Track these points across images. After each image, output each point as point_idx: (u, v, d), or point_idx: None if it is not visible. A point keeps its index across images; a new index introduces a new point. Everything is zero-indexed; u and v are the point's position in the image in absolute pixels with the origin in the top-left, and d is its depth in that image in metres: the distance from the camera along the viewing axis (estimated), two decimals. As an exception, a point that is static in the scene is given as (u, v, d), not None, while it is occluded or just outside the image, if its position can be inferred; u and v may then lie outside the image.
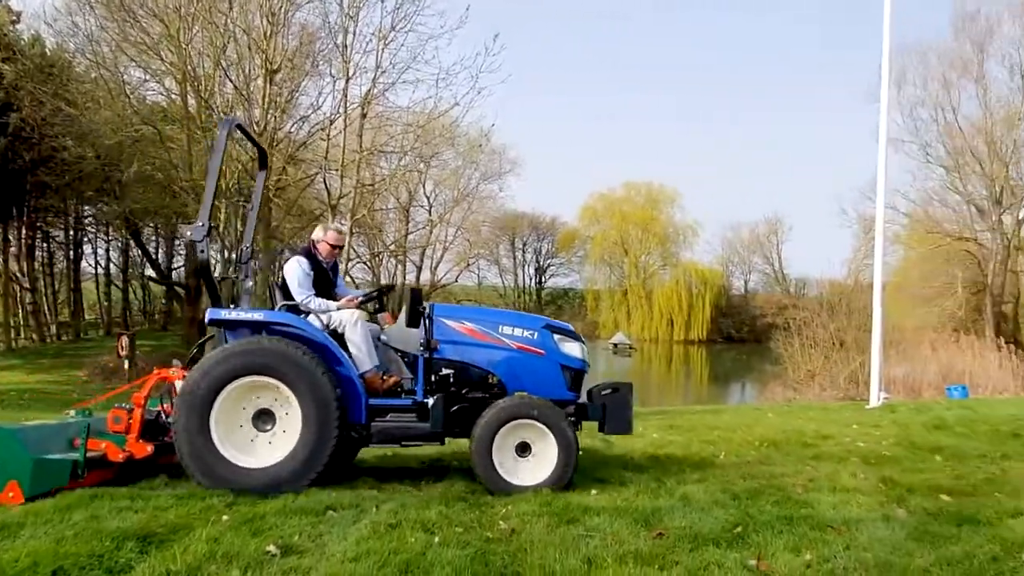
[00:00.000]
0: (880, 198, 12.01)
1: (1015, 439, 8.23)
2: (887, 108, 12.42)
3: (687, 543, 3.68)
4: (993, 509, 4.46)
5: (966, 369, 22.08)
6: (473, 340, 5.65)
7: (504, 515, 4.35)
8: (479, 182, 43.17)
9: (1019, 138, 28.16)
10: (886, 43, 11.13)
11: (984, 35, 28.99)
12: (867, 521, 4.15)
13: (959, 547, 3.63)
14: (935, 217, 30.12)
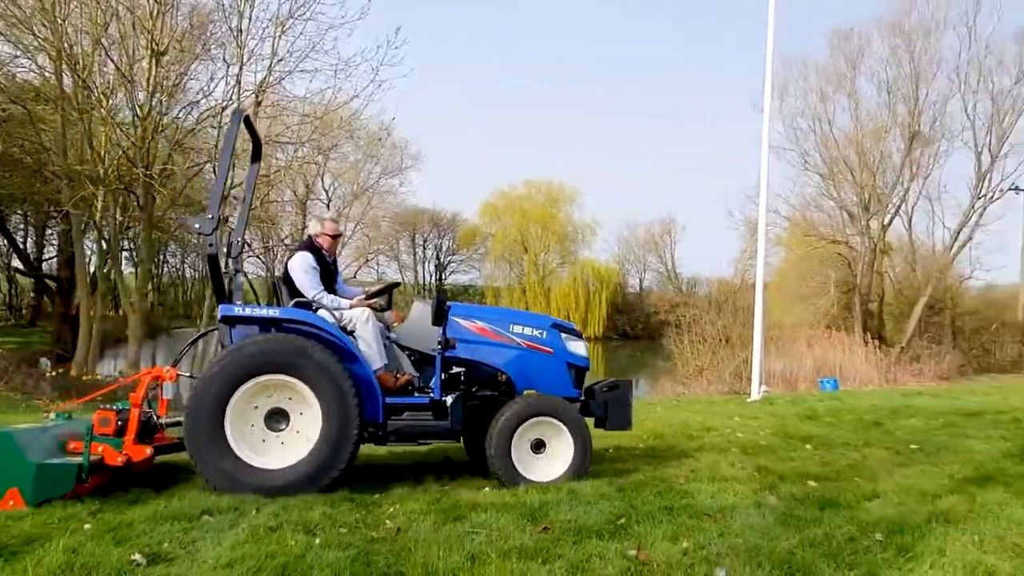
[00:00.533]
0: (762, 202, 12.66)
1: (876, 427, 8.85)
2: (769, 117, 13.10)
3: (571, 536, 3.75)
4: (853, 493, 4.79)
5: (837, 363, 23.62)
6: (485, 339, 5.68)
7: (391, 514, 4.30)
8: (379, 176, 42.56)
9: (885, 150, 30.40)
10: (769, 56, 11.75)
11: (856, 53, 31.05)
12: (741, 508, 4.36)
13: (821, 529, 3.86)
14: (812, 221, 32.02)
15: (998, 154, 29.01)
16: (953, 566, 3.28)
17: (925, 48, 29.56)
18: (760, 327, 14.10)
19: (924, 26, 29.65)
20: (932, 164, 30.58)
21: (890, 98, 30.22)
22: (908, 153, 29.58)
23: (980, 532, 3.82)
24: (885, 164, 30.37)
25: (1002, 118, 28.67)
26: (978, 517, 4.18)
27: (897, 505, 4.50)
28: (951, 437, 7.72)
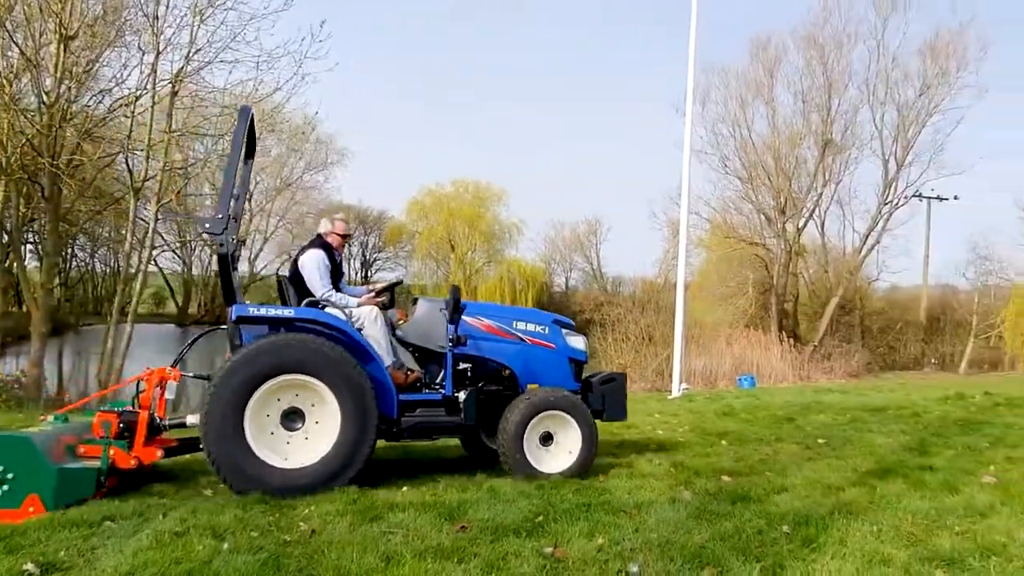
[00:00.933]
0: (684, 205, 12.97)
1: (789, 423, 9.19)
2: (691, 122, 13.44)
3: (489, 535, 3.74)
4: (763, 487, 4.93)
5: (755, 361, 24.46)
6: (491, 336, 5.84)
7: (305, 516, 4.19)
8: (304, 171, 41.67)
9: (800, 156, 31.68)
10: (691, 63, 12.05)
11: (774, 62, 32.25)
12: (656, 504, 4.43)
13: (732, 523, 3.97)
14: (732, 224, 33.05)
15: (903, 163, 30.64)
16: (853, 556, 3.42)
17: (837, 60, 30.95)
18: (681, 326, 14.45)
19: (836, 39, 31.02)
20: (843, 171, 32.08)
21: (805, 107, 31.50)
22: (821, 160, 30.90)
23: (879, 522, 4.00)
24: (800, 170, 31.62)
25: (907, 128, 30.28)
26: (878, 508, 4.38)
27: (804, 498, 4.66)
28: (856, 432, 8.08)
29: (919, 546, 3.60)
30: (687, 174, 12.57)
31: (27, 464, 4.21)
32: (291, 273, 5.80)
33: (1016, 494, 4.74)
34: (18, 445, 4.30)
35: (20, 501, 4.15)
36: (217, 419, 4.73)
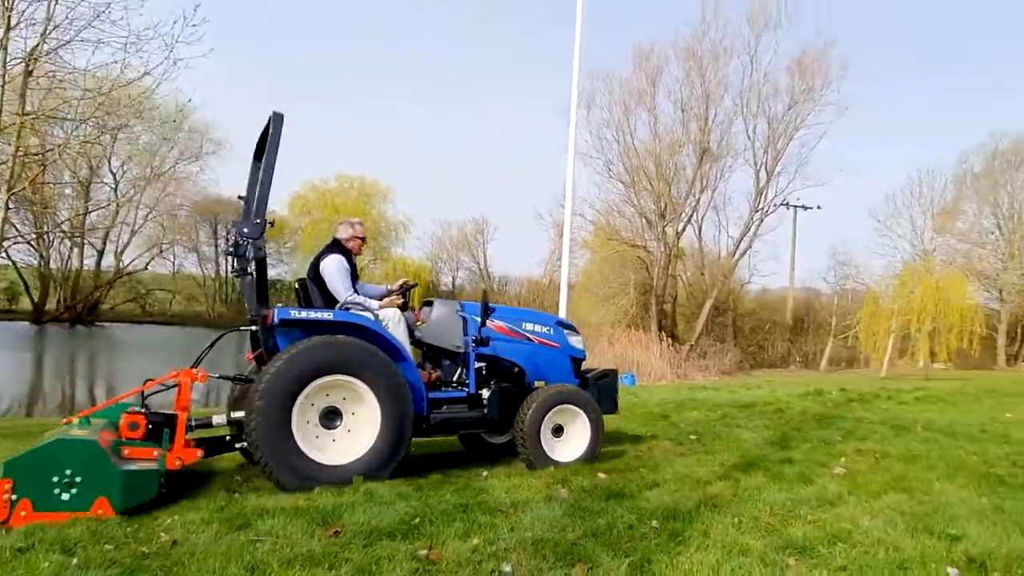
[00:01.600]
0: (568, 206, 13.15)
1: (663, 420, 9.54)
2: (576, 126, 13.68)
3: (362, 539, 3.65)
4: (636, 483, 5.08)
5: (635, 359, 25.31)
6: (504, 336, 6.25)
7: (167, 526, 3.95)
8: (176, 161, 39.54)
9: (680, 163, 33.12)
10: (576, 67, 12.24)
11: (656, 72, 33.50)
12: (533, 503, 4.48)
13: (604, 519, 4.06)
14: (615, 226, 34.07)
15: (773, 173, 32.59)
16: (715, 547, 3.58)
17: (714, 72, 32.50)
18: (565, 326, 14.70)
19: (714, 52, 32.57)
20: (719, 178, 33.77)
21: (684, 116, 32.89)
22: (699, 167, 32.37)
23: (740, 514, 4.21)
24: (679, 176, 33.00)
25: (776, 140, 32.23)
26: (740, 501, 4.61)
27: (674, 492, 4.84)
28: (725, 427, 8.50)
29: (775, 536, 3.81)
30: (571, 176, 12.78)
31: (95, 467, 4.25)
32: (314, 276, 6.00)
33: (862, 484, 5.12)
34: (86, 449, 4.32)
35: (90, 504, 4.18)
36: (267, 418, 4.86)
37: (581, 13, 11.57)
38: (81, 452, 4.30)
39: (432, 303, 6.39)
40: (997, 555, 3.46)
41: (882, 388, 16.10)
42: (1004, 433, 7.61)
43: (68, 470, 4.19)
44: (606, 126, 33.15)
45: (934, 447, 6.74)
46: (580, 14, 11.56)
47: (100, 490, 4.23)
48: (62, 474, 4.17)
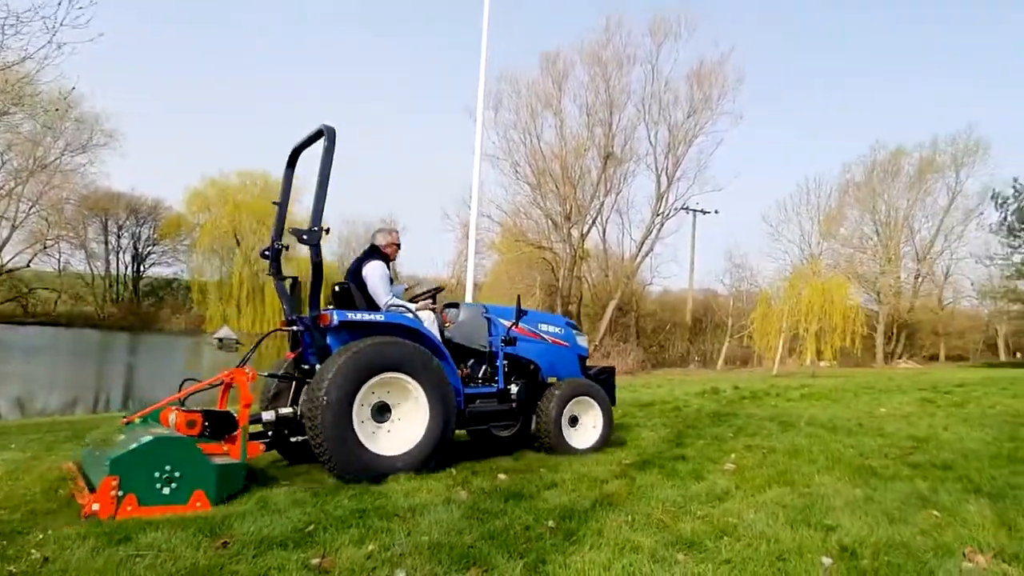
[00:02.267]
0: (474, 207, 13.19)
1: (566, 420, 9.67)
2: (484, 127, 13.74)
3: (252, 549, 3.53)
4: (535, 484, 5.13)
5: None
6: (524, 337, 6.87)
7: (39, 541, 3.70)
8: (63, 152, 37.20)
9: (585, 166, 33.89)
10: (482, 69, 12.28)
11: (562, 76, 34.15)
12: (432, 506, 4.44)
13: (502, 521, 4.08)
14: (522, 228, 34.51)
15: (673, 178, 33.76)
16: (608, 545, 3.66)
17: (618, 79, 33.40)
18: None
19: (618, 59, 33.46)
20: (623, 182, 34.74)
21: (590, 120, 33.64)
22: (604, 171, 33.14)
23: (634, 512, 4.31)
24: (585, 179, 33.74)
25: (677, 146, 33.42)
26: (635, 498, 4.72)
27: (571, 492, 4.91)
28: (626, 426, 8.70)
29: (666, 532, 3.93)
30: (477, 177, 12.82)
31: (193, 463, 4.54)
32: (354, 279, 6.37)
33: (749, 479, 5.35)
34: (185, 446, 4.64)
35: (188, 497, 4.46)
36: (332, 413, 5.21)
37: (488, 14, 11.61)
38: (180, 449, 4.60)
39: (458, 305, 7.01)
40: (867, 543, 3.69)
41: (772, 386, 16.91)
42: (878, 427, 8.12)
43: (168, 466, 4.44)
44: (513, 128, 33.51)
45: (816, 441, 7.12)
46: (487, 15, 11.60)
47: (197, 484, 4.52)
48: (163, 470, 4.42)
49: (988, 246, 49.72)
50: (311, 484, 5.19)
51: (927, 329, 54.17)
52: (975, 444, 6.76)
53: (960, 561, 3.45)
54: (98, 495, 4.26)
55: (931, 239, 52.81)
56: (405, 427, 5.70)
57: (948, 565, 3.38)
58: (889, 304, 49.07)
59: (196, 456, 4.62)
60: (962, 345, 57.68)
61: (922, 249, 53.22)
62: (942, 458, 6.06)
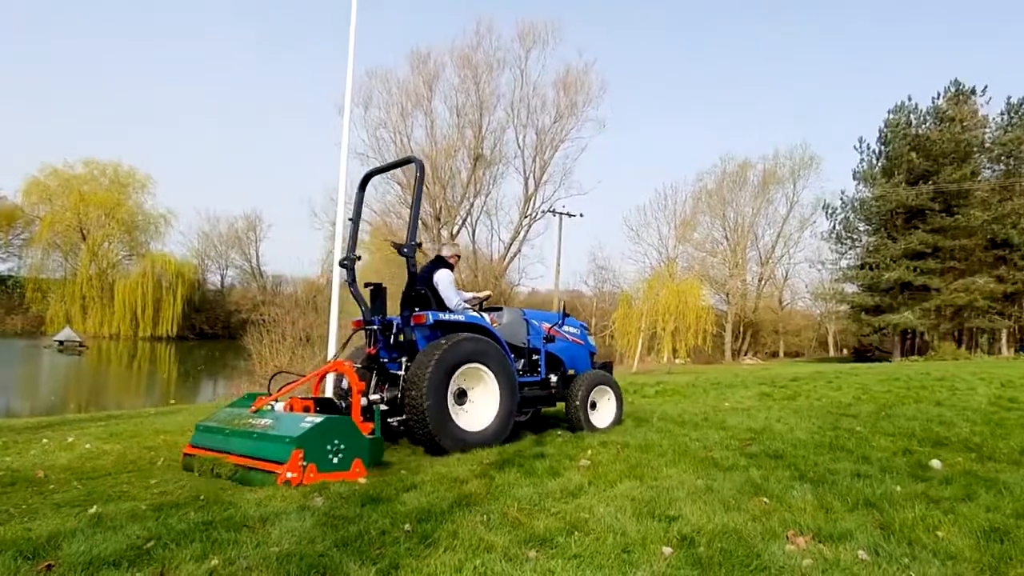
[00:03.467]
0: (341, 205, 12.90)
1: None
2: (353, 125, 13.49)
3: (80, 570, 3.28)
4: (395, 487, 5.08)
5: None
6: (555, 337, 8.38)
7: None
8: None
9: (455, 167, 34.02)
10: (350, 65, 12.01)
11: (433, 76, 34.10)
12: (284, 514, 4.30)
13: (358, 527, 4.01)
14: (392, 227, 34.09)
15: (540, 181, 34.54)
16: (462, 546, 3.69)
17: (488, 82, 33.79)
18: (335, 326, 14.35)
19: (488, 62, 33.85)
20: (492, 184, 35.13)
21: (460, 122, 33.83)
22: (473, 172, 33.41)
23: (490, 511, 4.37)
24: (455, 180, 33.85)
25: (544, 151, 34.24)
26: (492, 497, 4.79)
27: (430, 494, 4.91)
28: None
29: (520, 530, 4.01)
30: (344, 175, 12.52)
31: (353, 437, 5.59)
32: (427, 285, 7.47)
33: (602, 474, 5.57)
34: (347, 423, 5.66)
35: (350, 465, 5.46)
36: (432, 396, 6.40)
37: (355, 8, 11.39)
38: (344, 426, 5.63)
39: (502, 309, 8.29)
40: (704, 531, 3.94)
41: (631, 383, 17.65)
42: (722, 420, 8.67)
43: (336, 440, 5.47)
44: (383, 126, 33.13)
45: (666, 436, 7.49)
46: (354, 11, 11.38)
47: (356, 454, 5.53)
48: (332, 443, 5.44)
49: (820, 252, 54.62)
50: (153, 495, 4.89)
51: (769, 328, 58.60)
52: (803, 434, 7.36)
53: (784, 544, 3.75)
54: (289, 466, 5.18)
55: (772, 245, 57.19)
56: (480, 409, 7.00)
57: (773, 548, 3.67)
58: (736, 305, 52.61)
59: (355, 432, 5.66)
60: (798, 342, 63.00)
61: (765, 254, 57.54)
62: (774, 448, 6.56)
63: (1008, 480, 4.94)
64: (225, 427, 6.13)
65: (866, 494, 4.71)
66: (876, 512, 4.33)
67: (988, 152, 46.61)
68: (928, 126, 47.62)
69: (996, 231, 43.92)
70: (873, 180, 48.62)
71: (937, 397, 11.28)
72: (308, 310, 28.45)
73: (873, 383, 15.07)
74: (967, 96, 47.78)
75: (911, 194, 45.02)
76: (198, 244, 61.64)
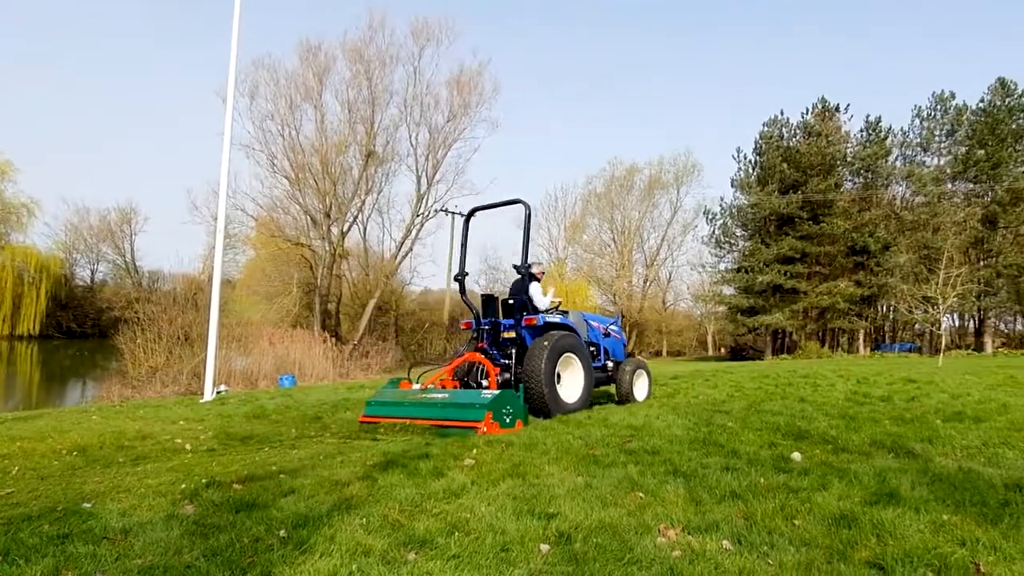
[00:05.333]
0: (223, 197, 12.41)
1: (316, 422, 9.46)
2: (237, 115, 12.97)
3: (-89, 594, 3.01)
4: (272, 492, 4.92)
5: (297, 360, 24.72)
6: (603, 333, 11.30)
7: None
8: None
9: (345, 163, 33.27)
10: (233, 53, 11.57)
11: (324, 69, 33.18)
12: (151, 524, 4.10)
13: (229, 535, 3.86)
14: (279, 223, 32.93)
15: (433, 180, 34.34)
16: (339, 551, 3.62)
17: (381, 78, 33.28)
18: (216, 325, 13.79)
19: (381, 57, 33.33)
20: (384, 182, 34.70)
21: (351, 117, 33.12)
22: (365, 169, 32.81)
23: (370, 514, 4.31)
24: (346, 176, 33.14)
25: (437, 150, 34.05)
26: (373, 500, 4.72)
27: (309, 498, 4.79)
28: (375, 427, 8.68)
29: (400, 532, 3.98)
30: (226, 166, 12.06)
31: (516, 404, 8.05)
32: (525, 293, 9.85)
33: (485, 473, 5.60)
34: (513, 395, 8.07)
35: (514, 424, 7.92)
36: (545, 377, 8.82)
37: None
38: (512, 396, 8.02)
39: (568, 312, 10.36)
40: (581, 527, 4.04)
41: (521, 382, 17.83)
42: (604, 418, 8.89)
43: (508, 407, 7.88)
44: (270, 118, 31.99)
45: (550, 434, 7.61)
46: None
47: (518, 416, 7.97)
48: (505, 408, 7.84)
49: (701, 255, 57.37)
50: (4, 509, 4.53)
51: (653, 328, 60.85)
52: (679, 431, 7.67)
53: (655, 537, 3.91)
54: (484, 423, 7.57)
55: (657, 248, 59.43)
56: (569, 388, 9.56)
57: (645, 542, 3.81)
58: (623, 305, 54.28)
59: (518, 400, 8.06)
60: (680, 342, 65.86)
61: (650, 256, 59.73)
62: (652, 444, 6.80)
63: (858, 470, 5.34)
64: (401, 401, 8.43)
65: (733, 486, 4.96)
66: (741, 503, 4.57)
67: (850, 165, 50.30)
68: (798, 139, 50.88)
69: (856, 239, 47.46)
70: (749, 188, 51.41)
71: (801, 394, 12.03)
72: (188, 308, 27.09)
73: (746, 381, 15.91)
74: (832, 113, 51.43)
75: (783, 202, 47.94)
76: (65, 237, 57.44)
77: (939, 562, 3.43)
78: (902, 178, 49.79)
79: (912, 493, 4.61)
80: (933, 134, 50.31)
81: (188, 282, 40.07)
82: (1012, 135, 46.45)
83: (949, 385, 13.36)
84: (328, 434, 8.30)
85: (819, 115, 50.99)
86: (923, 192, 48.20)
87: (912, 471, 5.23)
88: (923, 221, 47.44)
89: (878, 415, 8.40)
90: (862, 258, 48.66)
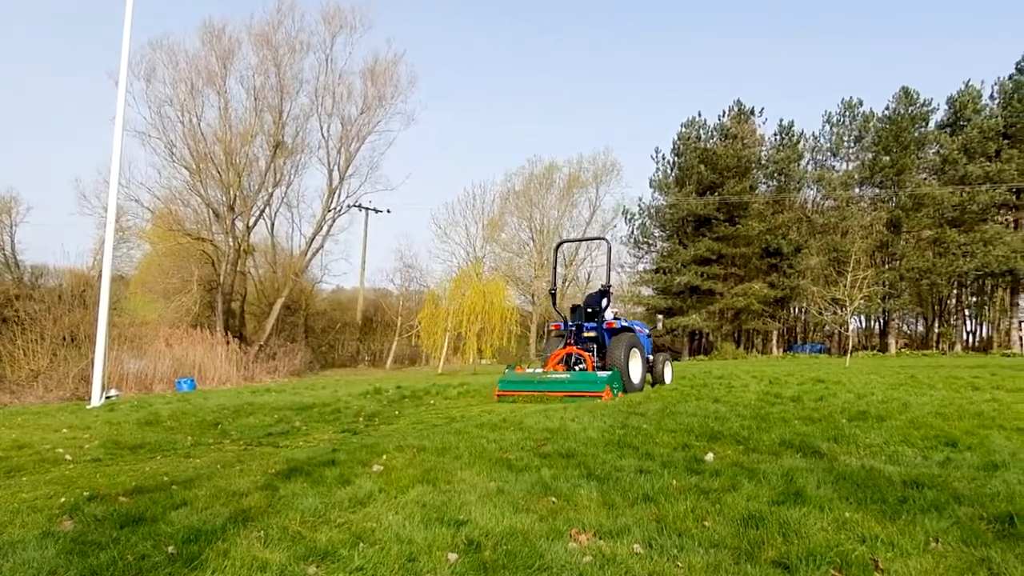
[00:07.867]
0: (113, 187, 11.67)
1: (214, 428, 9.03)
2: (132, 99, 12.21)
3: None
4: (162, 504, 4.59)
5: (197, 362, 23.63)
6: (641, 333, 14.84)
7: None
8: None
9: (251, 153, 32.06)
10: (127, 31, 10.89)
11: (228, 54, 31.81)
12: (23, 543, 3.73)
13: (111, 552, 3.55)
14: (178, 216, 31.34)
15: (345, 174, 33.59)
16: (233, 566, 3.38)
17: (290, 65, 32.28)
18: (105, 324, 12.95)
19: (290, 44, 32.32)
20: (293, 174, 33.67)
21: (258, 104, 31.96)
22: (273, 160, 31.73)
23: (269, 526, 4.06)
24: (252, 168, 31.94)
25: (350, 142, 33.36)
26: (273, 511, 4.45)
27: (203, 510, 4.48)
28: (281, 432, 8.34)
29: (300, 544, 3.75)
30: (118, 153, 11.33)
31: (619, 381, 12.12)
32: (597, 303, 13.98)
33: (395, 480, 5.40)
34: (618, 375, 12.11)
35: (617, 394, 11.70)
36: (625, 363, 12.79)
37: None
38: (616, 375, 12.07)
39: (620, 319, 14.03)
40: (492, 534, 3.92)
41: (434, 384, 17.64)
42: (520, 421, 8.84)
43: (615, 382, 11.90)
44: (169, 103, 30.43)
45: (464, 438, 7.48)
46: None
47: (622, 388, 12.15)
48: (617, 383, 11.93)
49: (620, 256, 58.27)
50: None
51: (569, 329, 61.41)
52: (595, 433, 7.68)
53: (567, 542, 3.83)
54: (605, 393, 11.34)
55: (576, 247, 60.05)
56: (635, 373, 13.20)
57: (556, 547, 3.73)
58: (541, 305, 54.66)
59: (621, 379, 12.13)
60: (597, 342, 66.70)
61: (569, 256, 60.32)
62: (567, 447, 6.76)
63: (767, 470, 5.45)
64: (532, 380, 12.22)
65: (646, 489, 4.96)
66: (654, 506, 4.57)
67: (764, 168, 52.47)
68: (715, 141, 52.63)
69: (770, 241, 49.52)
70: (667, 189, 52.82)
71: (716, 394, 12.32)
72: (75, 306, 25.47)
73: (657, 381, 16.25)
74: (748, 116, 53.51)
75: (700, 204, 49.50)
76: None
77: (841, 559, 3.50)
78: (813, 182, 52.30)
79: (817, 492, 4.72)
80: (842, 139, 53.04)
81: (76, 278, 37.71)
82: (915, 142, 49.46)
83: (855, 385, 14.00)
84: (228, 441, 7.90)
85: (735, 118, 52.89)
86: (833, 196, 50.73)
87: (818, 470, 5.37)
88: (833, 224, 49.91)
89: (788, 415, 8.65)
90: (775, 260, 50.76)
